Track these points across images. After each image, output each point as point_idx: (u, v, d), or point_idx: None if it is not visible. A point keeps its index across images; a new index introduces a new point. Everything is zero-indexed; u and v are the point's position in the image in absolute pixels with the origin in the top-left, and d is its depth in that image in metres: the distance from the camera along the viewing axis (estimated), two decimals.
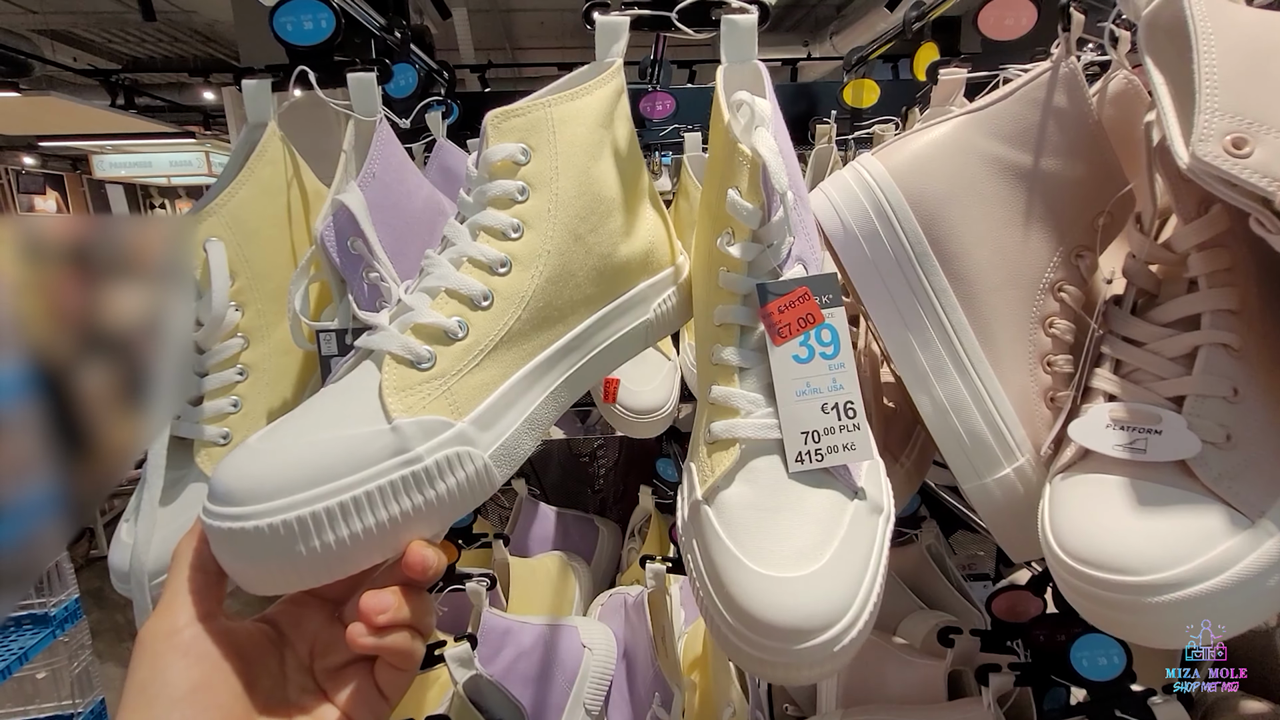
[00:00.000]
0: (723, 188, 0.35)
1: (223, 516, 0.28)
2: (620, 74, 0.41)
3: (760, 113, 0.35)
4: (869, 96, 0.80)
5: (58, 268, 0.41)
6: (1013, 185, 0.40)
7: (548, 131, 0.36)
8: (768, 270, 0.35)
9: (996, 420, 0.39)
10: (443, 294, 0.33)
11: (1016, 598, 0.54)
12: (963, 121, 0.40)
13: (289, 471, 0.28)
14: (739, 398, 0.34)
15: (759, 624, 0.28)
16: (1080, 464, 0.36)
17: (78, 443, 0.37)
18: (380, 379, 0.31)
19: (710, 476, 0.33)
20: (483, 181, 0.36)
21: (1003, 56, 0.52)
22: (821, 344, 0.34)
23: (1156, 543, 0.30)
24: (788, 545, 0.30)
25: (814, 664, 0.28)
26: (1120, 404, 0.34)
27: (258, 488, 0.28)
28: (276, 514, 0.27)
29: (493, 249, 0.35)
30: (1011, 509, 0.40)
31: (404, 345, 0.32)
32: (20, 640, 1.51)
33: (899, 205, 0.40)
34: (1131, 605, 0.30)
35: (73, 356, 0.36)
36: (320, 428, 0.30)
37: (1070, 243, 0.40)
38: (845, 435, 0.33)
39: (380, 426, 0.30)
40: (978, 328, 0.40)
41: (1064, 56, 0.38)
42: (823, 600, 0.28)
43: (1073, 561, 0.32)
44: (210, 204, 0.45)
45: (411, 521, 0.30)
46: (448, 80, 0.75)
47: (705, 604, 0.32)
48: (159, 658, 0.27)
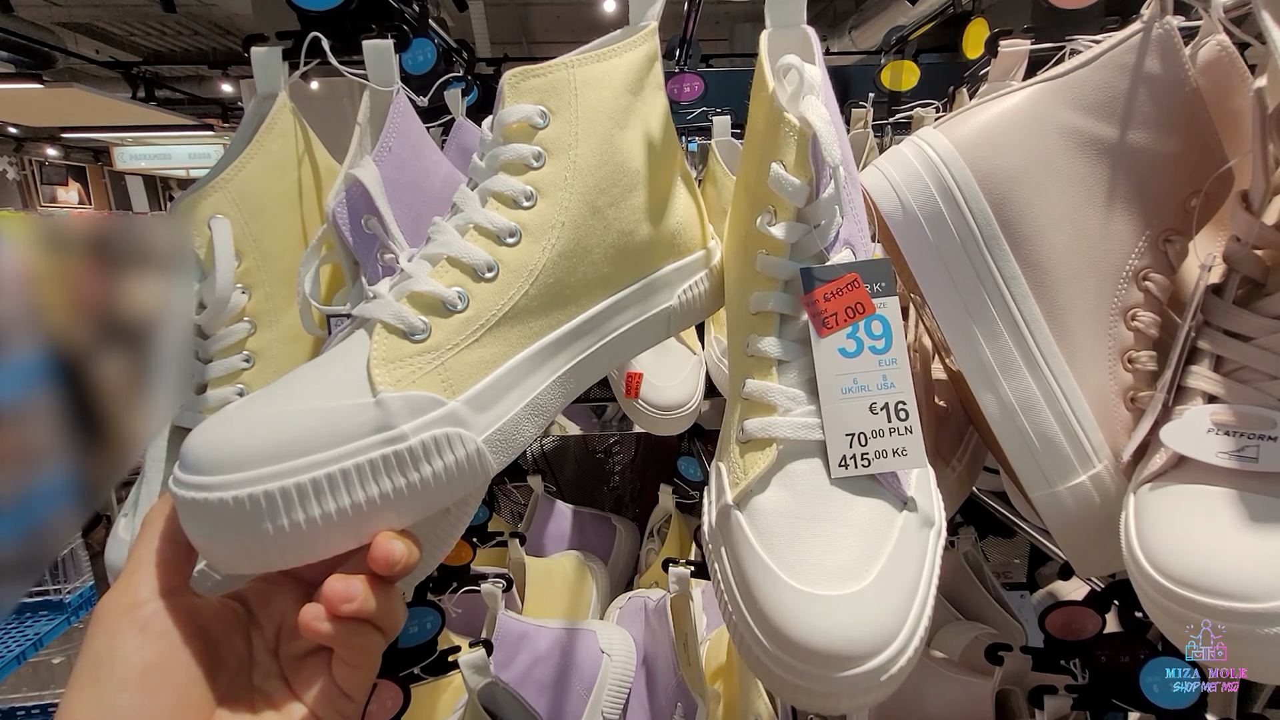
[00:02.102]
0: (764, 162, 0.32)
1: (189, 486, 0.25)
2: (655, 38, 0.38)
3: (810, 79, 0.31)
4: (908, 79, 0.75)
5: (72, 260, 0.39)
6: (1094, 161, 0.36)
7: (569, 94, 0.33)
8: (813, 254, 0.32)
9: (1071, 422, 0.36)
10: (444, 262, 0.31)
11: (1073, 614, 0.50)
12: (1038, 91, 0.36)
13: (259, 442, 0.25)
14: (777, 393, 0.31)
15: (795, 647, 0.25)
16: (1173, 472, 0.32)
17: (91, 430, 0.35)
18: (369, 349, 0.28)
19: (743, 479, 0.30)
20: (496, 145, 0.33)
21: (1068, 28, 0.48)
22: (872, 336, 0.31)
23: (1272, 565, 0.26)
24: (829, 559, 0.27)
25: (856, 694, 0.25)
26: (1224, 406, 0.30)
27: (226, 458, 0.25)
28: (243, 486, 0.25)
29: (502, 217, 0.32)
30: (1085, 520, 0.36)
31: (396, 314, 0.29)
32: (36, 626, 1.52)
33: (966, 183, 0.36)
34: (1243, 636, 0.26)
35: (86, 346, 0.34)
36: (298, 398, 0.27)
37: (1158, 226, 0.36)
38: (896, 439, 0.29)
39: (363, 400, 0.27)
40: (1051, 319, 0.36)
41: (1157, 16, 0.34)
42: (868, 623, 0.25)
43: (1168, 583, 0.28)
44: (215, 179, 0.42)
45: (391, 505, 0.27)
46: (467, 60, 0.72)
47: (734, 620, 0.29)
48: (114, 632, 0.25)
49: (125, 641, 0.25)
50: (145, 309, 0.44)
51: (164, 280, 0.41)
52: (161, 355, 0.42)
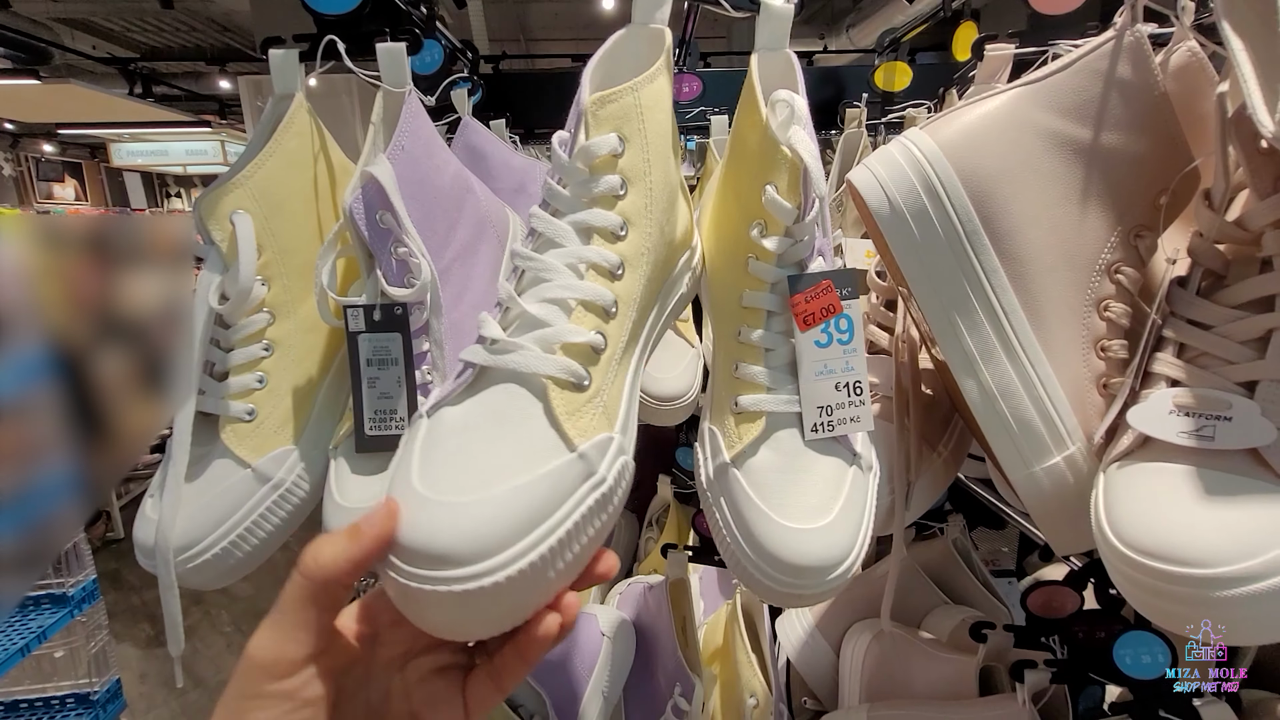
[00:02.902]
0: (758, 181, 0.36)
1: (451, 580, 0.25)
2: (669, 38, 0.39)
3: (800, 111, 0.36)
4: (901, 80, 0.78)
5: (72, 256, 0.40)
6: (1070, 161, 0.38)
7: (637, 119, 0.35)
8: (795, 262, 0.38)
9: (1047, 407, 0.38)
10: (579, 308, 0.33)
11: (1053, 593, 0.53)
12: (1018, 94, 0.38)
13: (505, 522, 0.26)
14: (765, 375, 0.37)
15: (785, 565, 0.34)
16: (1138, 452, 0.34)
17: (94, 426, 0.37)
18: (548, 405, 0.30)
19: (738, 443, 0.37)
20: (583, 176, 0.34)
21: (1051, 33, 0.50)
22: (839, 331, 0.37)
23: (1226, 534, 0.29)
24: (805, 502, 0.35)
25: (826, 592, 0.35)
26: (1185, 389, 0.33)
27: (482, 544, 0.25)
28: (510, 565, 0.26)
29: (609, 252, 0.34)
30: (1060, 499, 0.38)
31: (564, 367, 0.31)
32: (39, 619, 1.53)
33: (950, 182, 0.38)
34: (1198, 600, 0.29)
35: (90, 342, 0.36)
36: (510, 470, 0.28)
37: (1129, 222, 0.38)
38: (853, 410, 0.37)
39: (568, 457, 0.29)
40: (1029, 310, 0.38)
41: (1128, 24, 0.36)
42: (834, 545, 0.34)
43: (1132, 553, 0.31)
44: (236, 176, 0.44)
45: (598, 538, 0.30)
46: (471, 60, 0.74)
47: (734, 551, 0.36)
48: (259, 693, 0.25)
49: (269, 708, 0.25)
50: (146, 305, 0.46)
51: (175, 272, 0.43)
52: (180, 344, 0.44)
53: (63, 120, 4.79)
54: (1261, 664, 0.55)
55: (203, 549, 0.41)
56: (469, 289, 0.48)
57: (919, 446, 0.48)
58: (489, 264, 0.51)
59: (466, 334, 0.47)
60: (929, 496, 0.49)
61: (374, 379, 0.42)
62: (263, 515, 0.43)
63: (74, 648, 1.65)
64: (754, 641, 0.68)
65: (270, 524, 0.43)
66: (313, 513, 0.45)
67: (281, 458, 0.44)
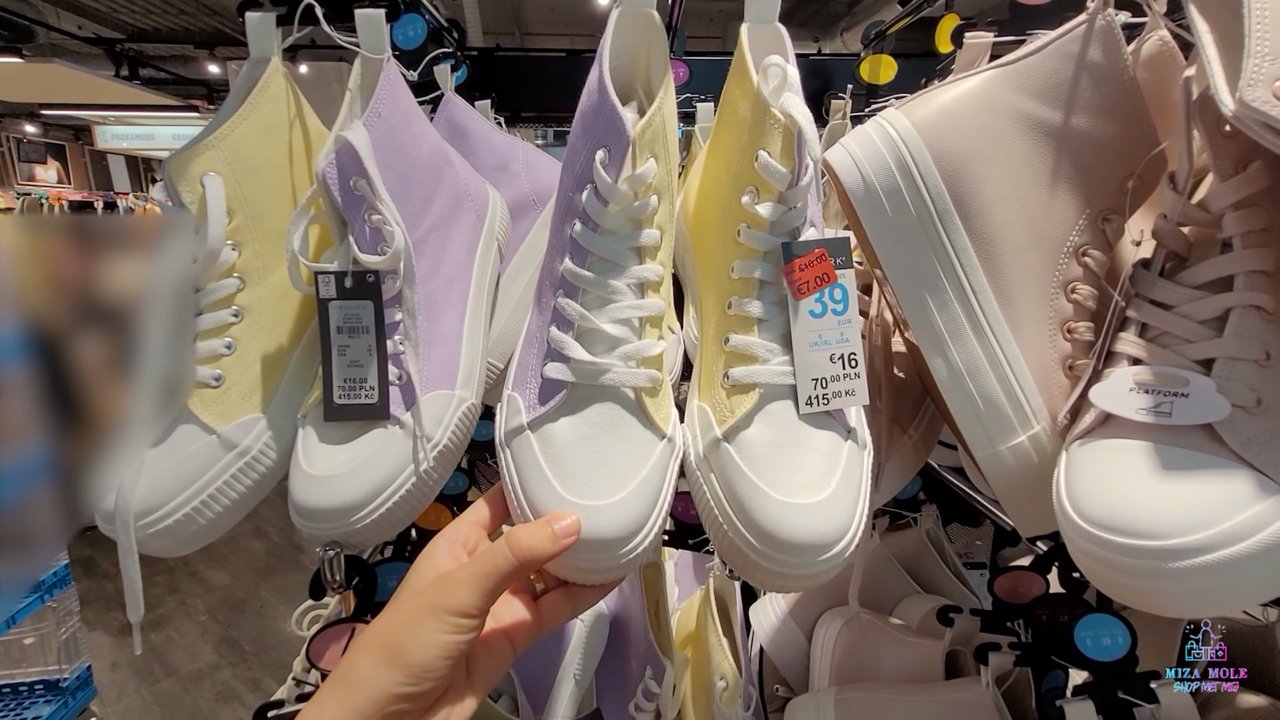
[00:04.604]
0: (750, 147, 0.36)
1: (617, 557, 0.35)
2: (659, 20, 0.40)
3: (792, 78, 0.36)
4: (886, 73, 0.78)
5: (56, 239, 0.40)
6: (1041, 143, 0.38)
7: (663, 138, 0.38)
8: (788, 230, 0.37)
9: (1013, 386, 0.38)
10: (648, 325, 0.38)
11: (1019, 578, 0.53)
12: (992, 76, 0.39)
13: (639, 508, 0.35)
14: (759, 346, 0.36)
15: (782, 543, 0.32)
16: (1100, 430, 0.34)
17: (72, 410, 0.36)
18: (644, 412, 0.37)
19: (730, 417, 0.36)
20: (629, 200, 0.37)
21: (1030, 22, 0.50)
22: (834, 301, 0.36)
23: (1179, 507, 0.29)
24: (801, 476, 0.34)
25: (825, 573, 0.33)
26: (1145, 367, 0.33)
27: (631, 529, 0.35)
28: (646, 537, 0.35)
29: (657, 265, 0.38)
30: (1024, 478, 0.39)
31: (650, 378, 0.37)
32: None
33: (923, 160, 0.38)
34: (1150, 571, 0.29)
35: (68, 326, 0.35)
36: (630, 467, 0.35)
37: (1098, 205, 0.38)
38: (848, 383, 0.36)
39: (661, 444, 0.37)
40: (998, 290, 0.38)
41: (1100, 9, 0.37)
42: (833, 521, 0.33)
43: (1089, 526, 0.31)
44: (208, 138, 0.43)
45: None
46: (457, 38, 0.73)
47: (726, 529, 0.35)
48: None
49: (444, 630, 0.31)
50: (126, 288, 0.45)
51: (163, 244, 0.43)
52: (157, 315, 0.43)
53: (46, 100, 4.70)
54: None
55: (164, 514, 0.41)
56: (444, 261, 0.48)
57: (890, 428, 0.48)
58: (466, 237, 0.51)
59: (441, 307, 0.46)
60: (899, 479, 0.49)
61: (344, 347, 0.42)
62: (227, 483, 0.42)
63: (44, 634, 1.62)
64: (725, 625, 0.69)
65: (235, 491, 0.43)
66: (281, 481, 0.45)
67: (249, 425, 0.43)
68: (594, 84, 0.37)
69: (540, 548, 0.32)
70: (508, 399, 0.39)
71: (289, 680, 0.56)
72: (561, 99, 1.05)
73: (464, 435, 0.45)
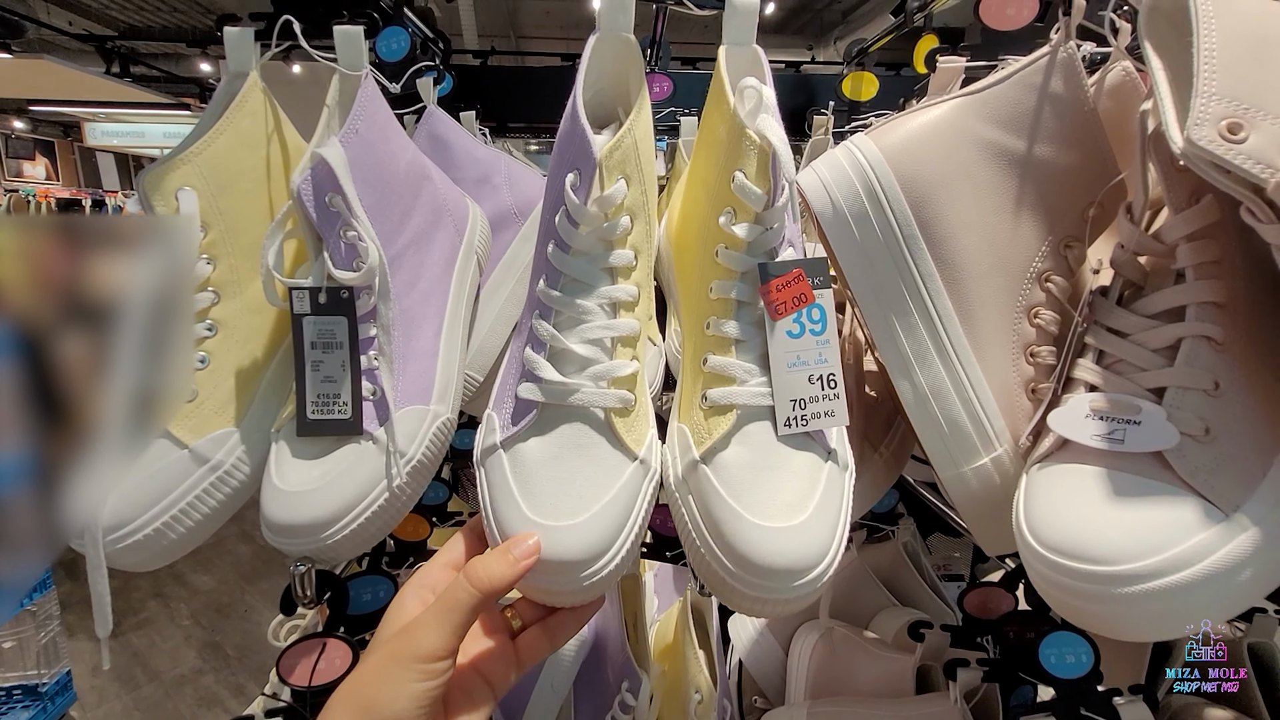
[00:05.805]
0: (727, 169, 0.36)
1: (583, 579, 0.34)
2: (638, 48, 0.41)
3: (768, 100, 0.36)
4: (868, 89, 0.79)
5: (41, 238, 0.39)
6: (1005, 171, 0.39)
7: (635, 159, 0.38)
8: (766, 250, 0.37)
9: (977, 409, 0.39)
10: (620, 345, 0.38)
11: (988, 594, 0.54)
12: (958, 104, 0.40)
13: (607, 528, 0.35)
14: (736, 367, 0.36)
15: (758, 568, 0.32)
16: (1058, 454, 0.35)
17: (55, 410, 0.36)
18: (615, 433, 0.37)
19: (707, 439, 0.36)
20: (599, 221, 0.37)
21: (1003, 48, 0.51)
22: (812, 321, 0.36)
23: (1128, 533, 0.30)
24: (779, 499, 0.34)
25: (803, 599, 0.33)
26: (1100, 394, 0.34)
27: (596, 550, 0.35)
28: (616, 556, 0.35)
29: (630, 285, 0.38)
30: (988, 500, 0.40)
31: (621, 399, 0.37)
32: None
33: (890, 186, 0.39)
34: (1100, 595, 0.30)
35: (52, 325, 0.35)
36: (597, 487, 0.36)
37: (1060, 233, 0.39)
38: (827, 404, 0.36)
39: (633, 465, 0.37)
40: (963, 314, 0.39)
41: (1063, 41, 0.38)
42: (811, 544, 0.32)
43: (1044, 550, 0.32)
44: (184, 152, 0.43)
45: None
46: (443, 50, 0.73)
47: (704, 553, 0.35)
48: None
49: (415, 680, 0.31)
50: (113, 288, 0.45)
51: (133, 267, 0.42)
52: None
53: (35, 96, 4.66)
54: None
55: (134, 529, 0.41)
56: (421, 276, 0.48)
57: (861, 446, 0.49)
58: (444, 252, 0.51)
59: (417, 322, 0.47)
60: (870, 496, 0.50)
61: (318, 362, 0.42)
62: (199, 497, 0.42)
63: (23, 638, 1.60)
64: (702, 637, 0.69)
65: (207, 506, 0.43)
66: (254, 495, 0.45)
67: (221, 439, 0.43)
68: (569, 108, 0.38)
69: (499, 574, 0.32)
70: (486, 418, 0.39)
71: (259, 698, 0.55)
72: (550, 110, 1.06)
73: (438, 450, 0.45)
